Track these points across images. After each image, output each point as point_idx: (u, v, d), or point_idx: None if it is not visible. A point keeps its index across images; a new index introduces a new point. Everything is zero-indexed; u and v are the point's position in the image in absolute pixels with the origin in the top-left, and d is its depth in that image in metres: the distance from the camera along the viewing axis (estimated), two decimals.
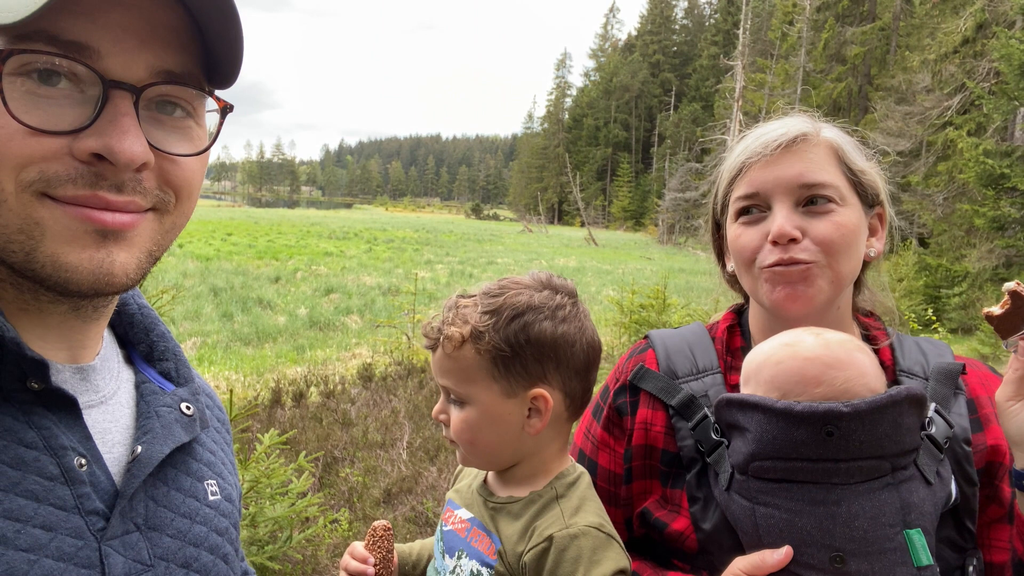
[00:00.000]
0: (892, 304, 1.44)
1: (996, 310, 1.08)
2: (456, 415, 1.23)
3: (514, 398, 1.20)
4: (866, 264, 1.36)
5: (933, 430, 1.16)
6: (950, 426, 1.20)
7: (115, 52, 0.74)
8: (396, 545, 1.41)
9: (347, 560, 1.32)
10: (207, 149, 0.87)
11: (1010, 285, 1.07)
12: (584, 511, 1.19)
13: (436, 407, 1.27)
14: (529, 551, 1.15)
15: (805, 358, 1.13)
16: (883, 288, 1.45)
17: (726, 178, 1.37)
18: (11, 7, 0.69)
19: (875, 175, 1.33)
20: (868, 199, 1.32)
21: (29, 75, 0.72)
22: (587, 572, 1.11)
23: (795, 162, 1.27)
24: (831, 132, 1.32)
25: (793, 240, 1.23)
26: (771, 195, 1.27)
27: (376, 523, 1.33)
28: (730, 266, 1.40)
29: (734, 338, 1.42)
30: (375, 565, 1.28)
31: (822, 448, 1.06)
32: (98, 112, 0.73)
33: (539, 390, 1.19)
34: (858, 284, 1.40)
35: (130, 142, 0.74)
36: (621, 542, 1.19)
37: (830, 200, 1.26)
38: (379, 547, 1.30)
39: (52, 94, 0.73)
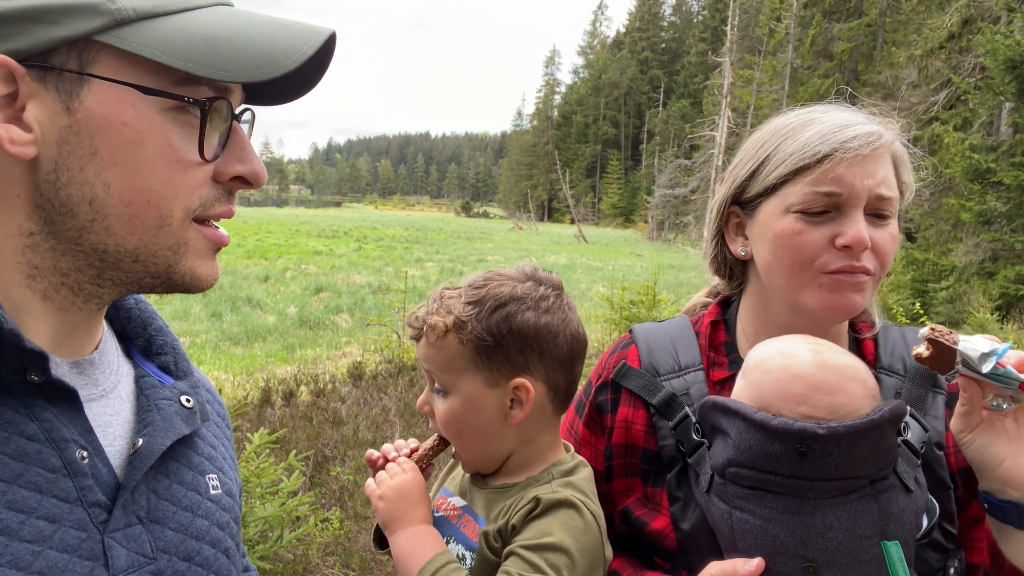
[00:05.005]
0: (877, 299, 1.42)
1: (923, 352, 1.07)
2: (440, 406, 1.24)
3: (496, 388, 1.20)
4: None
5: (909, 435, 1.14)
6: (925, 430, 1.18)
7: (236, 89, 0.85)
8: None
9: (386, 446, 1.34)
10: None
11: (924, 331, 1.06)
12: (574, 488, 1.19)
13: (420, 398, 1.28)
14: (516, 513, 1.15)
15: (793, 375, 1.10)
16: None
17: (792, 162, 1.21)
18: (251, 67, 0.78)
19: (911, 190, 1.28)
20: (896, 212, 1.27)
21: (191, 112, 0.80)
22: (562, 527, 1.11)
23: (878, 168, 1.19)
24: (893, 134, 1.24)
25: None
26: (856, 197, 1.17)
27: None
28: (742, 250, 1.33)
29: (717, 333, 1.39)
30: (415, 451, 1.31)
31: (795, 466, 1.03)
32: (226, 139, 0.84)
33: (521, 380, 1.20)
34: None
35: (260, 164, 0.87)
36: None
37: (890, 213, 1.21)
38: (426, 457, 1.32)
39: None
